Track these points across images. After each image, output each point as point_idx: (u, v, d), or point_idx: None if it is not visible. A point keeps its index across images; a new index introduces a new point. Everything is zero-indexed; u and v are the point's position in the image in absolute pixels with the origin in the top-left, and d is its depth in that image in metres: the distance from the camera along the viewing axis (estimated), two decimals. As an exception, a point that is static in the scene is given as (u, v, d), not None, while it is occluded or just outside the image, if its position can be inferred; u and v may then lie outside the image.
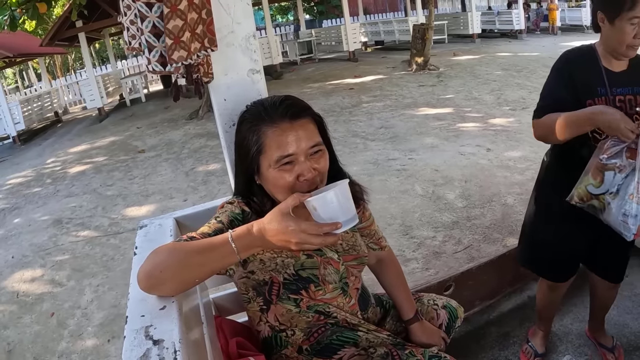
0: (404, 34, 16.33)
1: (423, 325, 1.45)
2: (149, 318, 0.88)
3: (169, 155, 7.03)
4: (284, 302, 1.19)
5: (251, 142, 1.13)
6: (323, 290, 1.22)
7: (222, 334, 1.32)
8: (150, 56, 1.25)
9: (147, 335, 0.83)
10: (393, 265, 1.52)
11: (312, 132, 1.13)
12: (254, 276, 1.19)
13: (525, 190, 4.02)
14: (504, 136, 5.66)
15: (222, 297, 1.56)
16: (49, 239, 4.63)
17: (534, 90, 8.03)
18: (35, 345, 3.01)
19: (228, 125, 1.43)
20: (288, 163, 1.10)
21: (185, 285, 0.98)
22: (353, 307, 1.30)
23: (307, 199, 0.95)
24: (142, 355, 0.78)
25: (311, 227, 0.91)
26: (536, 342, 2.16)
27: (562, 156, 1.73)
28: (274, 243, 0.93)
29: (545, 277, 1.98)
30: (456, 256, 3.15)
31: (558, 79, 1.62)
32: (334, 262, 1.25)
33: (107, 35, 16.36)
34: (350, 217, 0.95)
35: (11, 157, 10.03)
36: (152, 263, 0.95)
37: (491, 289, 2.38)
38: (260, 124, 1.12)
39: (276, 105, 1.14)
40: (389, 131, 6.47)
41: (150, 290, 0.96)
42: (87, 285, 3.61)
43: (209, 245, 0.97)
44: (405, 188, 4.41)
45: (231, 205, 1.18)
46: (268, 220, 0.94)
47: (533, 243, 1.96)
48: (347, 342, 1.25)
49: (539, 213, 1.90)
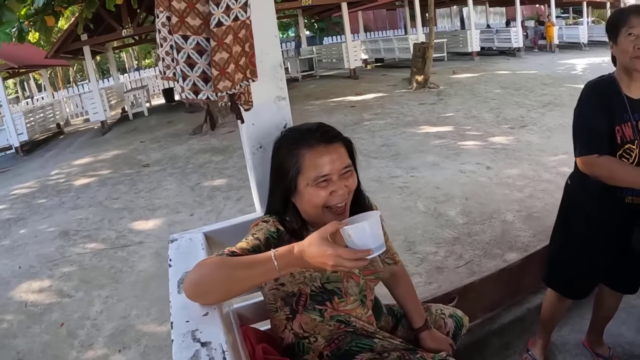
0: (404, 51, 16.58)
1: (432, 333, 1.57)
2: (193, 323, 0.98)
3: (173, 170, 7.12)
4: (309, 313, 1.30)
5: (290, 164, 1.26)
6: (345, 302, 1.33)
7: (248, 341, 1.41)
8: (184, 85, 1.35)
9: (195, 338, 0.92)
10: (404, 278, 1.64)
11: (344, 155, 1.29)
12: (283, 288, 1.30)
13: (524, 207, 4.13)
14: (503, 154, 5.79)
15: (243, 307, 1.65)
16: (55, 250, 4.70)
17: (532, 109, 8.22)
18: (45, 354, 3.07)
19: (255, 148, 1.54)
20: (324, 181, 1.23)
21: (229, 296, 1.09)
22: (370, 317, 1.42)
23: (343, 228, 1.06)
24: (192, 356, 0.87)
25: (347, 252, 1.03)
26: (536, 351, 2.26)
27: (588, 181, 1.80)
28: (312, 264, 1.05)
29: (564, 293, 2.08)
30: (458, 271, 3.24)
31: (593, 109, 1.71)
32: (355, 277, 1.37)
33: (111, 49, 16.55)
34: (380, 245, 1.07)
35: (14, 167, 10.11)
36: (200, 274, 1.05)
37: (492, 301, 2.48)
38: (299, 147, 1.26)
39: (313, 131, 1.29)
40: (390, 149, 6.59)
41: (195, 298, 1.05)
42: (96, 297, 3.68)
43: (254, 262, 1.08)
44: (407, 205, 4.51)
45: (266, 224, 1.28)
46: (308, 243, 1.05)
47: (556, 260, 2.07)
48: (364, 348, 1.36)
49: (562, 233, 2.02)
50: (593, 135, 1.70)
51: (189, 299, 1.04)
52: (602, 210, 1.82)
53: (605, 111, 1.68)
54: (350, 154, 1.33)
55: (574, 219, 1.95)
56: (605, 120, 1.68)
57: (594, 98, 1.73)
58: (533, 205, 4.17)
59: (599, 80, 1.78)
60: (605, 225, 1.83)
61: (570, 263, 1.98)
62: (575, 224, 1.94)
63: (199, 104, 1.60)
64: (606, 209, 1.81)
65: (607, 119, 1.68)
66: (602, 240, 1.85)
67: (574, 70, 12.52)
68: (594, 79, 1.81)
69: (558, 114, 7.68)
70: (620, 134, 1.68)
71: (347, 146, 1.33)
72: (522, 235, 3.65)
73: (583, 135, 1.73)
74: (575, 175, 1.92)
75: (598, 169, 1.69)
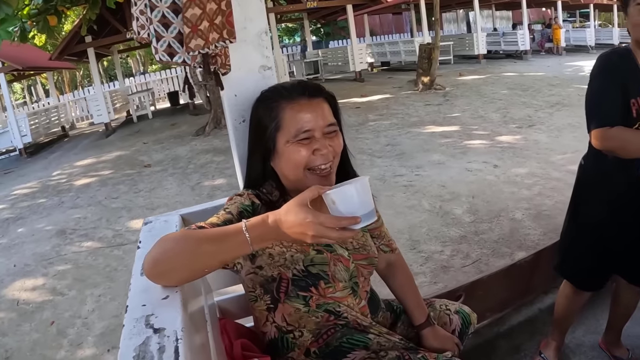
0: (410, 54, 16.45)
1: (435, 331, 1.40)
2: (150, 307, 0.84)
3: (175, 170, 7.01)
4: (292, 301, 1.15)
5: (269, 120, 1.15)
6: (333, 287, 1.17)
7: (226, 335, 1.27)
8: (157, 46, 1.24)
9: (148, 324, 0.79)
10: (403, 269, 1.48)
11: (327, 112, 1.17)
12: (262, 272, 1.14)
13: (534, 205, 3.98)
14: (511, 153, 5.63)
15: (226, 300, 1.52)
16: (52, 249, 4.59)
17: (540, 109, 8.06)
18: (34, 353, 2.96)
19: (238, 122, 1.41)
20: (306, 138, 1.11)
21: (193, 274, 0.94)
22: (363, 308, 1.26)
23: (326, 192, 0.92)
24: (141, 344, 0.74)
25: (329, 219, 0.88)
26: (549, 354, 2.10)
27: (603, 160, 1.68)
28: (289, 235, 0.90)
29: (577, 283, 1.93)
30: (464, 270, 3.09)
31: (608, 82, 1.59)
32: (344, 260, 1.21)
33: (116, 52, 16.52)
34: (369, 212, 0.91)
35: (17, 168, 10.05)
36: (160, 250, 0.91)
37: (501, 300, 2.33)
38: (279, 101, 1.15)
39: (294, 85, 1.18)
40: (395, 148, 6.45)
41: (155, 278, 0.91)
42: (88, 295, 3.56)
43: (221, 234, 0.94)
44: (412, 203, 4.37)
45: (240, 197, 1.16)
46: (284, 211, 0.90)
47: (569, 246, 1.92)
48: (357, 345, 1.20)
49: (576, 216, 1.87)
50: (606, 107, 1.56)
51: (149, 279, 0.91)
52: (618, 191, 1.69)
53: (619, 83, 1.55)
54: (335, 114, 1.20)
55: (587, 201, 1.81)
56: (619, 92, 1.55)
57: (607, 70, 1.60)
58: (543, 204, 4.02)
59: (613, 51, 1.65)
60: (620, 208, 1.69)
61: (583, 250, 1.83)
62: (589, 207, 1.80)
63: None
64: (622, 190, 1.67)
65: (621, 92, 1.55)
66: (617, 226, 1.71)
67: (582, 72, 12.30)
68: (608, 50, 1.67)
69: (566, 114, 7.52)
70: (635, 107, 1.54)
71: (331, 104, 1.20)
72: (531, 234, 3.50)
73: (596, 108, 1.60)
74: (589, 154, 1.79)
75: (611, 141, 1.55)
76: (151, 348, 0.72)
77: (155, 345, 0.73)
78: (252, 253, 1.12)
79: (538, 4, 23.25)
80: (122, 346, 0.74)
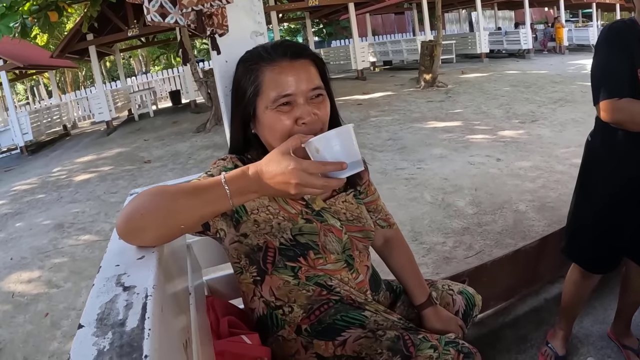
0: (412, 53, 16.36)
1: (437, 311, 1.31)
2: (123, 267, 0.78)
3: (174, 166, 6.96)
4: (280, 272, 1.08)
5: (248, 83, 1.05)
6: (324, 259, 1.10)
7: (213, 312, 1.19)
8: (149, 6, 1.18)
9: (118, 283, 0.72)
10: (402, 245, 1.40)
11: (313, 75, 1.06)
12: (246, 240, 1.07)
13: (537, 198, 3.90)
14: (514, 147, 5.55)
15: (216, 279, 1.45)
16: (49, 242, 4.53)
17: (543, 105, 7.97)
18: (27, 344, 2.89)
19: (228, 89, 1.34)
20: (287, 104, 1.02)
21: (169, 231, 0.87)
22: (361, 284, 1.18)
23: (309, 140, 0.85)
24: (107, 302, 0.67)
25: (314, 165, 0.82)
26: (556, 344, 2.02)
27: (612, 134, 1.61)
28: (272, 186, 0.84)
29: (586, 265, 1.85)
30: (467, 261, 3.01)
31: (614, 52, 1.52)
32: (336, 230, 1.13)
33: (118, 51, 16.51)
34: (356, 161, 0.86)
35: (18, 166, 10.02)
36: (133, 206, 0.84)
37: (506, 287, 2.25)
38: (259, 62, 1.05)
39: (275, 45, 1.07)
40: (397, 143, 6.38)
41: (128, 236, 0.84)
42: (84, 287, 3.49)
43: (198, 187, 0.87)
44: (414, 196, 4.30)
45: (223, 161, 1.09)
46: (266, 161, 0.84)
47: (577, 227, 1.85)
48: (352, 323, 1.13)
49: (583, 195, 1.80)
50: (613, 78, 1.49)
51: (122, 239, 0.84)
52: (628, 166, 1.61)
53: (626, 54, 1.48)
54: (322, 77, 1.10)
55: (596, 178, 1.73)
56: (626, 63, 1.47)
57: (613, 40, 1.53)
58: (547, 196, 3.94)
59: (618, 22, 1.58)
60: (631, 185, 1.61)
61: (593, 230, 1.75)
62: (598, 185, 1.72)
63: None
64: (632, 166, 1.60)
65: (628, 63, 1.47)
66: (627, 203, 1.63)
67: (584, 70, 12.20)
68: (613, 22, 1.61)
69: (570, 110, 7.44)
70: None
71: (318, 66, 1.09)
72: (536, 225, 3.42)
73: (604, 79, 1.52)
74: (597, 130, 1.71)
75: (620, 113, 1.47)
76: (117, 305, 0.66)
77: (123, 302, 0.66)
78: (237, 219, 1.05)
79: (540, 4, 23.17)
80: (88, 304, 0.67)
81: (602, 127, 1.63)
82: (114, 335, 0.60)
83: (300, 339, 1.12)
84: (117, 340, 0.59)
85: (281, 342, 1.13)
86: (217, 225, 1.04)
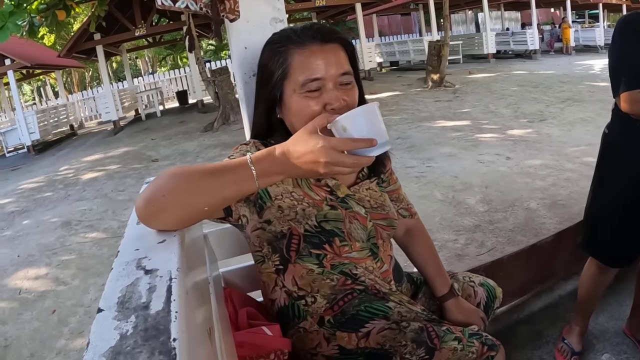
0: (419, 53, 16.33)
1: (459, 302, 1.28)
2: (144, 251, 0.74)
3: (182, 164, 6.93)
4: (304, 260, 1.04)
5: (276, 65, 1.02)
6: (349, 246, 1.06)
7: (231, 304, 1.16)
8: None
9: (139, 266, 0.69)
10: (423, 235, 1.38)
11: (342, 59, 1.03)
12: (270, 227, 1.03)
13: (548, 195, 3.86)
14: (523, 146, 5.51)
15: (233, 271, 1.41)
16: (56, 240, 4.52)
17: (551, 104, 7.92)
18: (34, 341, 2.87)
19: (248, 76, 1.31)
20: (315, 90, 0.98)
21: (191, 213, 0.82)
22: (385, 274, 1.14)
23: (336, 119, 0.83)
24: (128, 285, 0.63)
25: (343, 142, 0.80)
26: (573, 340, 1.98)
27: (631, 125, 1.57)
28: (300, 166, 0.81)
29: (605, 259, 1.81)
30: (479, 258, 2.97)
31: (630, 43, 1.51)
32: (361, 218, 1.10)
33: (124, 51, 16.53)
34: (385, 141, 0.83)
35: (25, 165, 10.04)
36: (153, 187, 0.80)
37: (521, 283, 2.21)
38: (287, 44, 1.02)
39: (306, 28, 1.04)
40: (405, 141, 6.34)
41: (149, 219, 0.80)
42: (91, 284, 3.48)
43: (223, 168, 0.84)
44: (424, 194, 4.26)
45: (246, 146, 1.05)
46: (292, 142, 0.82)
47: (596, 221, 1.81)
48: (376, 314, 1.09)
49: (602, 188, 1.77)
50: (632, 70, 1.47)
51: (142, 221, 0.80)
52: None
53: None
54: (352, 63, 1.06)
55: (614, 170, 1.71)
56: None
57: (630, 31, 1.51)
58: (557, 194, 3.89)
59: (633, 14, 1.55)
60: None
61: (611, 224, 1.73)
62: (617, 176, 1.69)
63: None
64: None
65: None
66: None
67: (592, 70, 12.14)
68: (627, 14, 1.58)
69: (578, 109, 7.38)
70: None
71: (347, 51, 1.06)
72: (547, 223, 3.37)
73: (623, 71, 1.50)
74: (615, 122, 1.69)
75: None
76: (140, 288, 0.62)
77: (146, 285, 0.62)
78: (260, 204, 1.02)
79: (547, 4, 23.07)
80: (107, 288, 0.64)
81: (620, 118, 1.60)
82: (137, 318, 0.56)
83: (323, 330, 1.08)
84: (142, 324, 0.55)
85: (302, 333, 1.09)
86: (240, 211, 1.01)
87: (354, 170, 0.79)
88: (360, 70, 1.13)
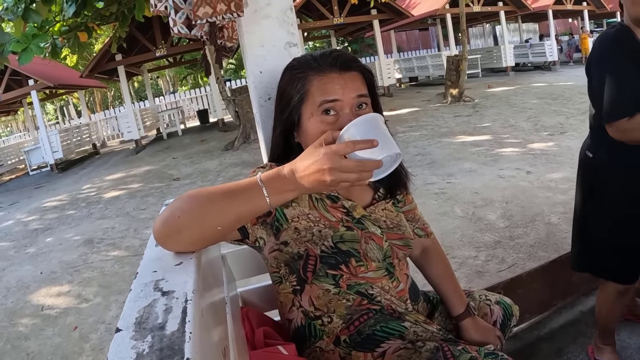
0: (438, 68, 16.32)
1: (476, 322, 1.28)
2: (161, 273, 0.76)
3: (203, 183, 7.03)
4: (321, 281, 1.05)
5: (294, 90, 1.05)
6: (365, 266, 1.07)
7: (248, 323, 1.17)
8: (176, 18, 1.21)
9: (157, 288, 0.70)
10: (439, 255, 1.37)
11: (360, 84, 1.05)
12: (287, 248, 1.05)
13: (569, 209, 3.73)
14: (544, 159, 5.45)
15: (250, 291, 1.43)
16: (78, 257, 4.60)
17: (571, 116, 7.84)
18: (55, 357, 2.92)
19: (263, 99, 1.34)
20: (332, 113, 1.01)
21: (206, 233, 0.84)
22: (401, 293, 1.15)
23: (340, 133, 0.85)
24: (146, 306, 0.65)
25: (343, 145, 0.80)
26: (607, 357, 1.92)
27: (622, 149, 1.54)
28: (307, 178, 0.81)
29: (623, 280, 1.76)
30: (500, 274, 2.93)
31: (619, 64, 1.45)
32: (377, 238, 1.11)
33: (146, 71, 16.86)
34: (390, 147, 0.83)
35: (48, 183, 10.26)
36: (170, 209, 0.83)
37: (541, 300, 2.18)
38: (306, 70, 1.04)
39: (325, 55, 1.06)
40: (425, 158, 6.33)
41: (165, 240, 0.83)
42: (113, 302, 3.52)
43: (235, 187, 0.86)
44: (444, 210, 4.23)
45: (263, 169, 1.06)
46: (300, 158, 0.84)
47: (601, 247, 1.76)
48: (392, 334, 1.08)
49: (600, 215, 1.72)
50: (623, 95, 1.42)
51: (160, 243, 0.83)
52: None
53: (629, 64, 1.41)
54: (371, 91, 1.08)
55: (611, 196, 1.66)
56: (632, 74, 1.41)
57: (617, 51, 1.45)
58: (580, 208, 3.83)
59: (615, 31, 1.50)
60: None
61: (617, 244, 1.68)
62: (615, 202, 1.65)
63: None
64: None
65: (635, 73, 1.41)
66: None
67: (615, 81, 11.98)
68: (607, 30, 1.53)
69: (601, 121, 7.27)
70: None
71: (366, 78, 1.08)
72: (568, 237, 3.25)
73: (613, 96, 1.44)
74: (599, 144, 1.64)
75: (637, 132, 1.41)
76: (157, 309, 0.64)
77: (162, 306, 0.64)
78: (277, 227, 1.04)
79: (564, 15, 22.91)
80: (126, 308, 0.66)
81: (607, 141, 1.54)
82: (153, 338, 0.58)
83: (339, 350, 1.08)
84: (157, 344, 0.57)
85: (318, 353, 1.09)
86: (257, 234, 1.03)
87: (362, 178, 0.78)
88: (378, 87, 1.15)
